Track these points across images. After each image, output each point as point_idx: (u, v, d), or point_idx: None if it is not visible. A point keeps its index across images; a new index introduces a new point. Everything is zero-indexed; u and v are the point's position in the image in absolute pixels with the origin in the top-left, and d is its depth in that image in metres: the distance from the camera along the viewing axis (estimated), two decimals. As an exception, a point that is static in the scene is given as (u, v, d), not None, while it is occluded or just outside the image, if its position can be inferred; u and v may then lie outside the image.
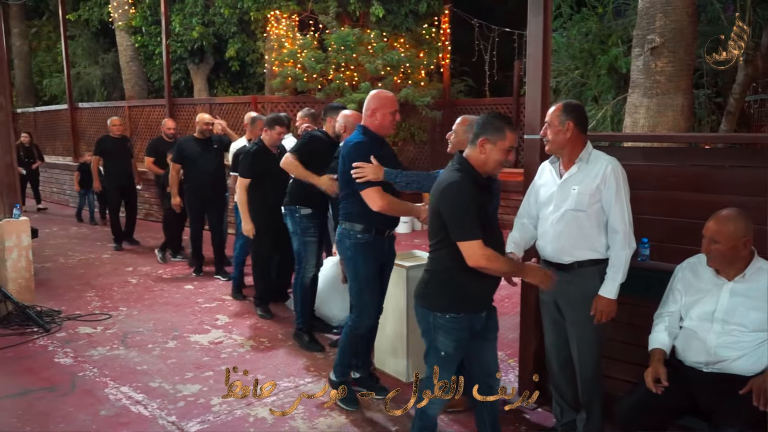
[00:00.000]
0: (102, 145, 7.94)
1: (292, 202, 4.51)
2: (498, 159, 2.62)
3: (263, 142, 5.10)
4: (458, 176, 2.57)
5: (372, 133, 3.45)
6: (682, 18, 5.37)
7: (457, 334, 2.62)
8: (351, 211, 3.46)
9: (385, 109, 3.43)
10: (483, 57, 10.33)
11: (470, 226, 2.49)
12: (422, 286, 2.72)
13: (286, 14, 10.09)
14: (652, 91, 5.50)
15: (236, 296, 5.80)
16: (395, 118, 3.49)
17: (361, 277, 3.49)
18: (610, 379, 3.33)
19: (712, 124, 6.99)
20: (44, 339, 4.74)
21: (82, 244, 8.40)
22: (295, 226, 4.49)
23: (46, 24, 17.02)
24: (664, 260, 3.13)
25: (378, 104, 3.44)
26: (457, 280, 2.60)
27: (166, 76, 10.78)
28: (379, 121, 3.43)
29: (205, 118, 6.41)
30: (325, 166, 4.33)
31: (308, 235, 4.48)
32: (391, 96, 3.53)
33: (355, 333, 3.56)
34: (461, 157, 2.68)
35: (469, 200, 2.51)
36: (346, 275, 3.79)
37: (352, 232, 3.44)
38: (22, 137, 11.23)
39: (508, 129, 2.60)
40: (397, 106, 3.52)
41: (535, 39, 3.55)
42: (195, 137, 6.38)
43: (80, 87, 15.20)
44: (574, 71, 7.99)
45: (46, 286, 6.20)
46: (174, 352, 4.49)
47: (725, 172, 3.15)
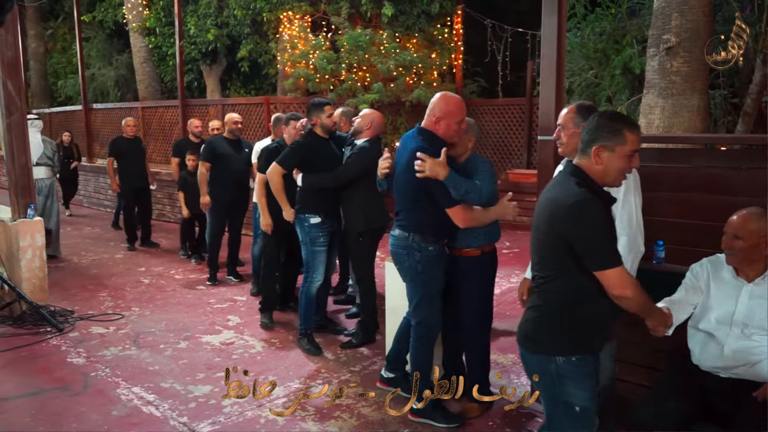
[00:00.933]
0: (116, 146, 7.89)
1: (301, 210, 4.43)
2: (620, 168, 2.20)
3: (283, 140, 5.02)
4: (585, 193, 2.11)
5: (438, 140, 3.14)
6: (699, 17, 5.31)
7: (589, 380, 2.23)
8: (420, 223, 3.25)
9: (451, 119, 3.15)
10: (496, 57, 10.28)
11: (614, 251, 2.11)
12: (533, 327, 2.29)
13: (298, 15, 10.11)
14: (668, 92, 5.44)
15: (257, 293, 5.79)
16: (461, 127, 3.20)
17: (433, 292, 3.31)
18: (623, 383, 3.30)
19: (728, 124, 6.91)
20: (57, 339, 4.77)
21: (96, 244, 8.46)
22: (303, 235, 4.41)
23: (61, 25, 17.18)
24: (680, 263, 3.08)
25: (443, 113, 3.15)
26: (581, 315, 2.20)
27: (179, 78, 10.83)
28: (443, 130, 3.16)
29: (233, 117, 6.29)
30: (329, 165, 4.41)
31: (317, 244, 4.39)
32: (457, 102, 3.22)
33: (424, 343, 3.40)
34: (576, 167, 2.23)
35: (606, 221, 2.13)
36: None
37: (423, 245, 3.23)
38: (64, 136, 10.82)
39: (628, 130, 2.18)
40: (465, 113, 3.21)
41: (549, 40, 3.51)
42: (225, 137, 6.29)
43: (94, 88, 15.33)
44: (588, 71, 7.93)
45: (59, 285, 6.24)
46: (185, 353, 4.50)
47: (742, 174, 3.10)
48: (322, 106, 4.49)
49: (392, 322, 4.07)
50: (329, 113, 4.50)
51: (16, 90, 5.18)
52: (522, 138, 9.94)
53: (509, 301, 5.58)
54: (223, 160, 6.15)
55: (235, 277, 6.42)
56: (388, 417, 3.49)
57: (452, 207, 3.10)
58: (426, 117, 3.21)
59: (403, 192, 3.32)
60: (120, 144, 7.89)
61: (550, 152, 3.48)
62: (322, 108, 4.47)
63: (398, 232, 3.34)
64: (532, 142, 9.54)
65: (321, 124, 4.49)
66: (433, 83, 9.56)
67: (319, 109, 4.47)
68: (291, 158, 4.47)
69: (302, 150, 4.46)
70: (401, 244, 3.31)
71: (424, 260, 3.26)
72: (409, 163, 3.12)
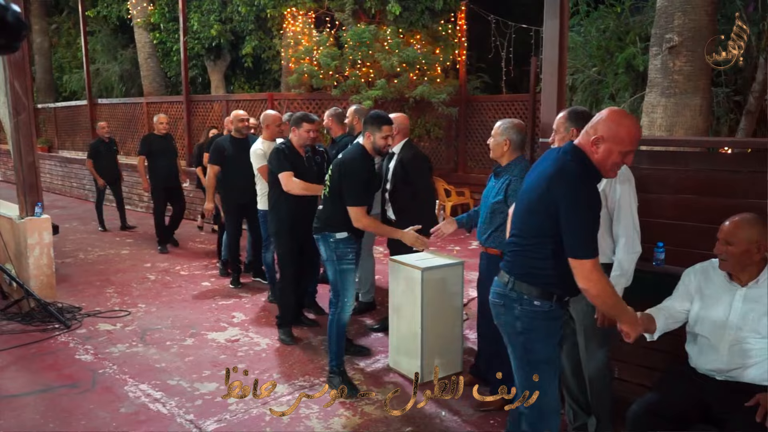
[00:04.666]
0: (148, 143, 7.57)
1: (324, 227, 3.89)
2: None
3: (290, 143, 4.67)
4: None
5: (590, 167, 2.36)
6: (701, 17, 5.32)
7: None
8: (527, 270, 2.45)
9: (615, 145, 2.31)
10: (499, 53, 10.28)
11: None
12: None
13: (302, 11, 10.12)
14: (670, 91, 5.46)
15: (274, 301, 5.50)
16: (624, 161, 2.36)
17: (541, 359, 2.49)
18: (623, 383, 3.35)
19: (730, 122, 6.91)
20: (65, 335, 4.84)
21: (102, 240, 8.53)
22: (329, 253, 3.87)
23: (66, 20, 17.21)
24: (680, 264, 3.12)
25: (608, 134, 2.31)
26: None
27: (183, 73, 10.88)
28: (600, 156, 2.33)
29: (239, 114, 6.01)
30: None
31: (345, 262, 3.87)
32: (631, 128, 2.33)
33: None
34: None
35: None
36: None
37: (525, 297, 2.44)
38: (100, 126, 9.21)
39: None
40: (636, 145, 2.37)
41: (551, 42, 3.55)
42: (232, 137, 6.04)
43: (99, 83, 15.38)
44: (591, 69, 7.94)
45: (66, 282, 6.31)
46: (192, 350, 4.56)
47: (742, 177, 3.13)
48: (302, 122, 4.56)
49: (398, 322, 4.13)
50: (307, 129, 4.59)
51: (23, 90, 5.23)
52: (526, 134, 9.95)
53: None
54: (232, 161, 5.90)
55: (263, 279, 6.10)
56: (392, 415, 3.55)
57: (584, 259, 2.29)
58: (583, 132, 2.42)
59: (522, 220, 2.51)
60: (151, 141, 7.58)
61: (551, 155, 3.51)
62: (301, 124, 4.56)
63: (501, 273, 2.60)
64: (536, 137, 9.56)
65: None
66: (437, 79, 9.57)
67: (299, 124, 4.56)
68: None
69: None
70: (500, 294, 2.56)
71: (527, 317, 2.46)
72: (541, 183, 2.40)
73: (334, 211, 3.86)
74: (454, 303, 4.07)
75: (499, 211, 3.46)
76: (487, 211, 3.54)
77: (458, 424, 3.47)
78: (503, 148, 3.49)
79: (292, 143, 4.67)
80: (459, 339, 4.14)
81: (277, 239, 4.77)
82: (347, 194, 3.77)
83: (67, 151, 14.41)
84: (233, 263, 6.23)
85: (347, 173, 3.78)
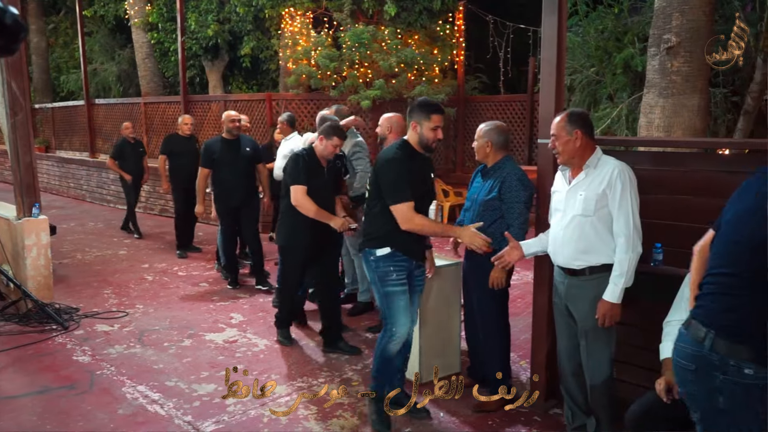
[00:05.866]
0: (170, 144, 7.39)
1: (364, 242, 3.39)
2: None
3: (313, 150, 4.33)
4: None
5: None
6: (699, 17, 5.32)
7: None
8: (747, 319, 1.85)
9: None
10: (497, 53, 10.29)
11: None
12: None
13: (300, 12, 10.12)
14: (668, 92, 5.46)
15: None
16: None
17: None
18: (622, 383, 3.34)
19: (728, 123, 6.91)
20: (63, 336, 4.83)
21: (99, 240, 8.52)
22: (371, 274, 3.37)
23: (63, 20, 17.18)
24: (678, 265, 3.12)
25: None
26: None
27: (181, 73, 10.88)
28: None
29: (231, 114, 5.91)
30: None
31: (389, 283, 3.27)
32: None
33: None
34: None
35: None
36: None
37: (734, 362, 1.82)
38: (124, 126, 8.58)
39: None
40: None
41: (549, 40, 3.53)
42: (223, 138, 5.94)
43: (97, 83, 15.36)
44: (590, 69, 7.94)
45: (64, 283, 6.30)
46: (189, 351, 4.56)
47: (739, 178, 3.12)
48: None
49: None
50: (336, 144, 4.31)
51: (21, 90, 5.22)
52: (524, 134, 9.96)
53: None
54: (222, 163, 5.82)
55: (264, 286, 6.02)
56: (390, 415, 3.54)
57: None
58: None
59: (734, 252, 1.95)
60: (174, 142, 7.40)
61: (549, 156, 3.50)
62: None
63: (693, 324, 2.00)
64: (534, 138, 9.56)
65: None
66: (435, 80, 9.58)
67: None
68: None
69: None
70: (690, 352, 1.98)
71: (731, 390, 1.83)
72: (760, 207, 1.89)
73: (374, 222, 3.31)
74: (452, 303, 4.07)
75: (492, 209, 3.51)
76: (479, 209, 3.56)
77: (456, 425, 3.47)
78: (486, 150, 3.58)
79: (315, 151, 4.32)
80: (457, 339, 4.14)
81: (284, 253, 4.54)
82: (386, 191, 3.18)
83: (65, 152, 14.40)
84: (230, 264, 6.19)
85: (383, 167, 3.23)
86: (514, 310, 5.23)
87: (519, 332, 4.61)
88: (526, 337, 4.27)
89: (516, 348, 4.40)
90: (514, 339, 3.89)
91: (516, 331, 4.38)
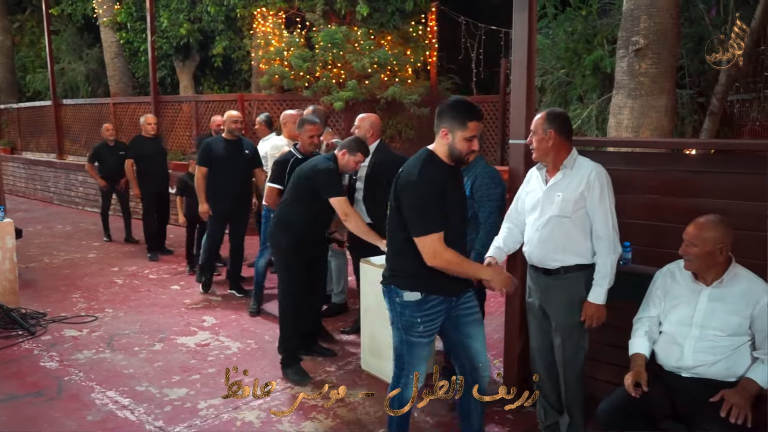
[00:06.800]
0: (136, 147, 7.22)
1: (390, 277, 2.82)
2: None
3: (338, 163, 4.08)
4: None
5: None
6: (666, 20, 5.41)
7: None
8: None
9: None
10: (470, 54, 10.34)
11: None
12: None
13: (272, 12, 10.05)
14: (636, 93, 5.54)
15: (256, 312, 5.37)
16: None
17: None
18: (594, 381, 3.39)
19: (694, 123, 7.05)
20: (29, 342, 4.72)
21: (67, 244, 8.35)
22: (394, 316, 2.82)
23: (29, 18, 16.79)
24: (647, 264, 3.18)
25: None
26: None
27: (151, 73, 10.72)
28: None
29: (233, 115, 5.75)
30: None
31: (414, 333, 2.75)
32: None
33: None
34: None
35: None
36: None
37: None
38: (105, 128, 8.16)
39: None
40: None
41: (520, 43, 3.56)
42: (224, 138, 5.72)
43: (64, 83, 15.03)
44: (560, 70, 8.03)
45: (30, 287, 6.16)
46: (161, 355, 4.49)
47: (706, 177, 3.20)
48: None
49: (369, 323, 4.12)
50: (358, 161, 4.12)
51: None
52: (496, 135, 10.03)
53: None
54: (220, 163, 5.60)
55: (239, 292, 5.88)
56: (365, 417, 3.54)
57: None
58: None
59: None
60: (140, 144, 7.23)
61: (521, 156, 3.54)
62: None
63: None
64: (506, 138, 9.64)
65: None
66: (408, 80, 9.59)
67: None
68: None
69: None
70: None
71: None
72: None
73: (400, 254, 2.75)
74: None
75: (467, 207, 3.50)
76: None
77: (430, 426, 3.47)
78: None
79: (338, 164, 4.09)
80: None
81: (286, 259, 4.16)
82: (409, 219, 2.63)
83: (31, 153, 14.08)
84: (209, 264, 6.02)
85: (406, 188, 2.66)
86: (488, 310, 5.25)
87: (492, 331, 4.64)
88: (500, 336, 4.30)
89: (489, 347, 4.41)
90: (487, 338, 3.89)
91: (489, 331, 4.38)
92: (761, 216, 2.94)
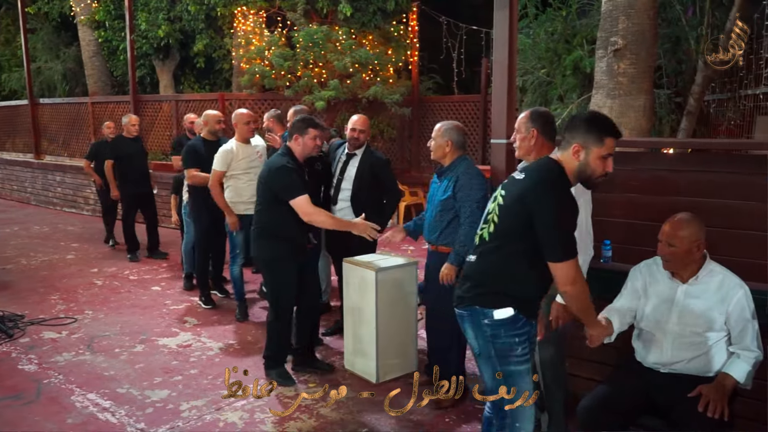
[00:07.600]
0: (118, 147, 7.08)
1: (474, 297, 2.42)
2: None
3: (292, 153, 3.86)
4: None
5: None
6: (644, 21, 5.49)
7: None
8: None
9: None
10: (451, 54, 10.39)
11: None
12: None
13: (253, 11, 10.00)
14: (615, 92, 5.62)
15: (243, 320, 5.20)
16: None
17: None
18: (575, 378, 3.43)
19: (672, 123, 7.17)
20: (7, 345, 4.65)
21: (45, 245, 8.23)
22: (482, 343, 2.42)
23: (4, 16, 16.51)
24: (626, 261, 3.22)
25: None
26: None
27: (131, 73, 10.62)
28: None
29: (217, 114, 5.57)
30: None
31: (514, 361, 2.38)
32: None
33: None
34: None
35: None
36: None
37: None
38: (106, 125, 7.83)
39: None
40: None
41: (501, 43, 3.59)
42: (204, 139, 5.51)
43: (41, 82, 14.82)
44: (540, 70, 8.11)
45: (8, 289, 6.06)
46: (142, 357, 4.45)
47: (684, 176, 3.25)
48: None
49: (353, 323, 4.12)
50: (314, 135, 3.87)
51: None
52: (477, 134, 10.09)
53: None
54: (203, 164, 5.31)
55: (221, 292, 5.81)
56: (347, 417, 3.54)
57: None
58: None
59: None
60: (121, 144, 7.09)
61: (502, 156, 3.57)
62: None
63: None
64: (487, 138, 9.70)
65: None
66: (389, 80, 9.61)
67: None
68: None
69: None
70: None
71: None
72: None
73: (496, 269, 2.40)
74: (409, 303, 4.10)
75: (448, 208, 3.55)
76: (436, 209, 3.61)
77: (413, 424, 3.49)
78: (445, 149, 3.61)
79: (294, 154, 3.85)
80: (414, 339, 4.17)
81: (270, 271, 3.95)
82: (550, 239, 2.27)
83: (7, 153, 13.86)
84: (202, 280, 5.66)
85: (546, 203, 2.28)
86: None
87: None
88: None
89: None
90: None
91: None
92: (736, 213, 3.01)
